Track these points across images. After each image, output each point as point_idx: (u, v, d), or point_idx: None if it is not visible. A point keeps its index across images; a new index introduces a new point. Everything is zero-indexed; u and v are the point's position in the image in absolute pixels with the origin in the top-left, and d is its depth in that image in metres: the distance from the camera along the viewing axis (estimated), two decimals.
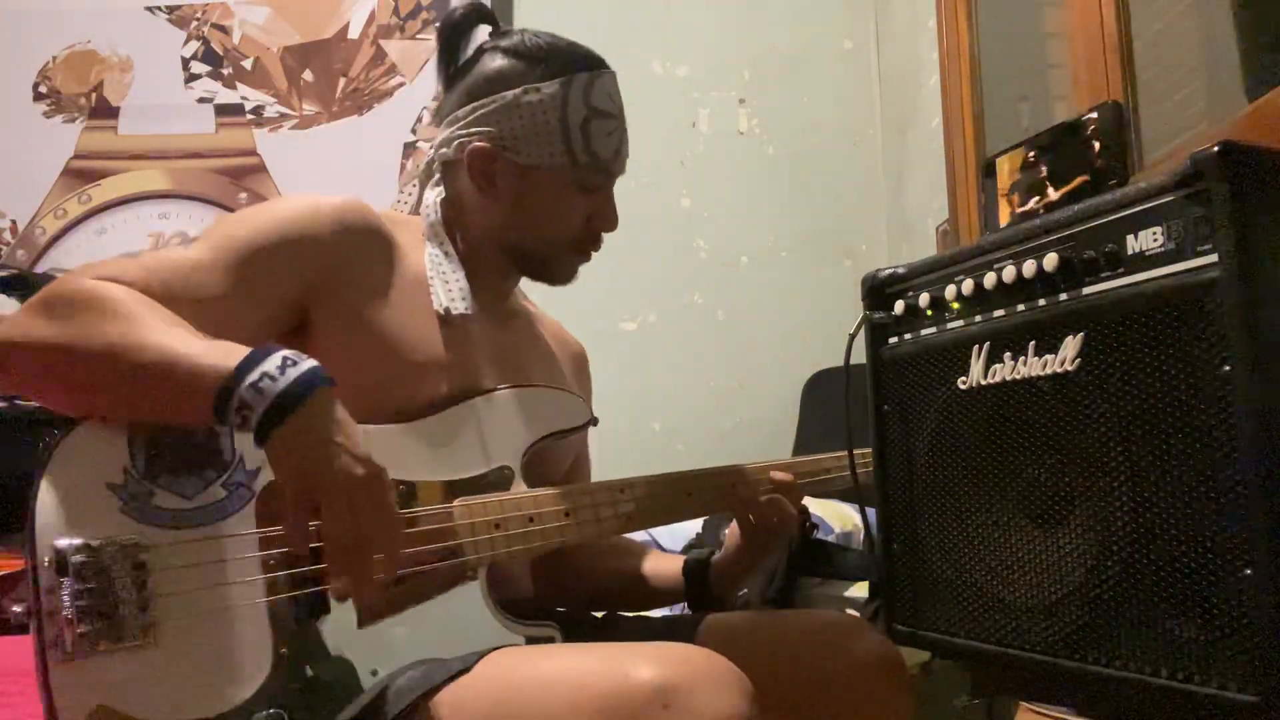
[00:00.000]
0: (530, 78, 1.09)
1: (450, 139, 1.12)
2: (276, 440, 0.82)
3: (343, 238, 1.01)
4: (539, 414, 1.09)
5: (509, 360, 1.13)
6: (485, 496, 1.01)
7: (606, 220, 1.15)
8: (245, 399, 0.81)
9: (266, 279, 0.96)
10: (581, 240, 1.15)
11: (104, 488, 0.84)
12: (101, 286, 0.88)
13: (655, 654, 0.80)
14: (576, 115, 1.08)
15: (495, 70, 1.10)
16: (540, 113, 1.08)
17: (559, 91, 1.08)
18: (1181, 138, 1.49)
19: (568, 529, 1.05)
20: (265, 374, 0.82)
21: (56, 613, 0.79)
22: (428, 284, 1.06)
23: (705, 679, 0.78)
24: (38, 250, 2.68)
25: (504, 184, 1.10)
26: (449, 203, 1.14)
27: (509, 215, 1.11)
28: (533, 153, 1.08)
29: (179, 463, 0.87)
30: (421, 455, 0.99)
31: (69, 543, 0.81)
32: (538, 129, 1.08)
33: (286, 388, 0.82)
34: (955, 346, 0.98)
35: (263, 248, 0.97)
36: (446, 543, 0.98)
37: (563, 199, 1.11)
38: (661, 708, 0.75)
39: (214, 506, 0.87)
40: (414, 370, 1.02)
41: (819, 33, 2.84)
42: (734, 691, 0.78)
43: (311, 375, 0.83)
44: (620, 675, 0.78)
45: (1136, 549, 0.79)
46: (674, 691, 0.76)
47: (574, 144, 1.08)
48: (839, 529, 1.79)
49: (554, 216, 1.12)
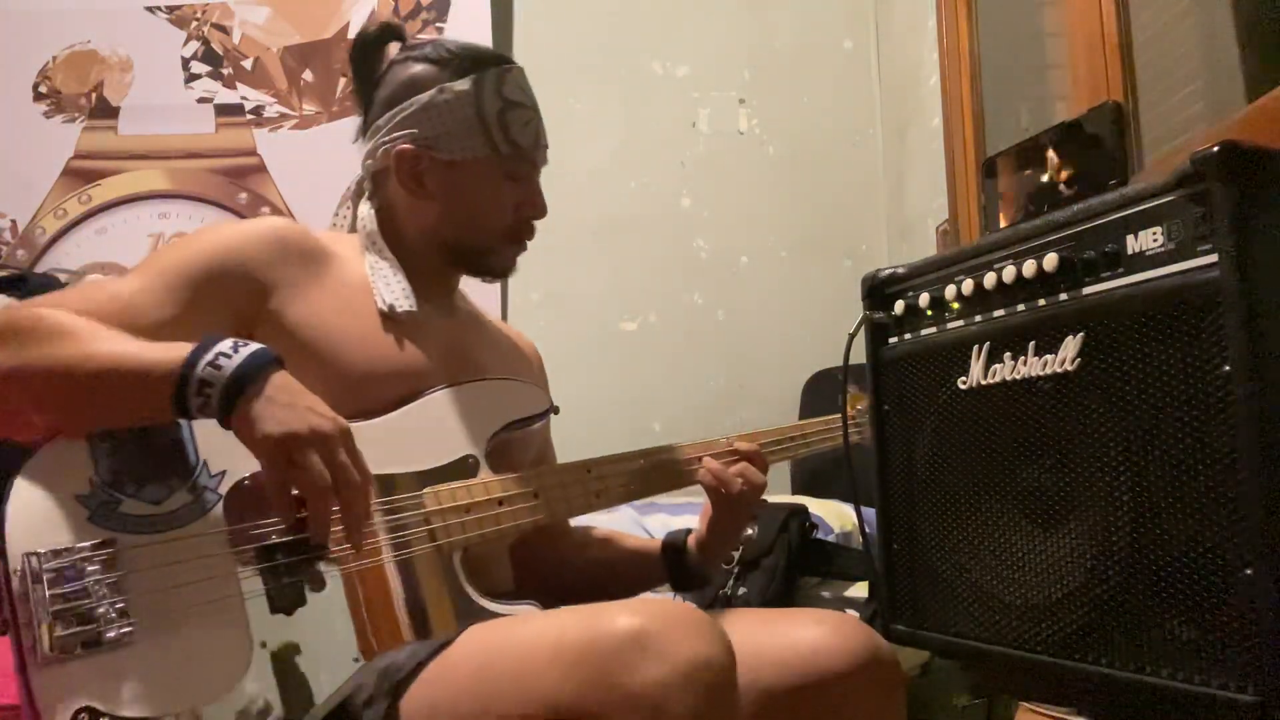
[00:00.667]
0: (443, 78, 1.13)
1: (375, 149, 1.16)
2: (243, 410, 0.86)
3: (278, 257, 1.04)
4: (498, 404, 1.11)
5: (462, 355, 1.16)
6: (453, 484, 1.04)
7: (535, 207, 1.18)
8: (204, 378, 0.85)
9: (204, 304, 1.00)
10: (514, 229, 1.18)
11: (72, 499, 0.86)
12: (42, 312, 0.91)
13: (632, 605, 0.85)
14: (492, 108, 1.12)
15: (409, 77, 1.14)
16: (457, 109, 1.12)
17: (472, 88, 1.12)
18: (1181, 138, 1.49)
19: (538, 508, 1.08)
20: (219, 353, 0.87)
21: (32, 620, 0.81)
22: (370, 290, 1.09)
23: (680, 624, 0.81)
24: (38, 250, 2.67)
25: (432, 183, 1.14)
26: (382, 211, 1.17)
27: (441, 213, 1.15)
28: (455, 148, 1.12)
29: (143, 471, 0.89)
30: (385, 450, 1.01)
31: (40, 551, 0.83)
32: (457, 125, 1.12)
33: (243, 362, 0.86)
34: (955, 346, 0.98)
35: (199, 273, 1.00)
36: (418, 528, 1.00)
37: (490, 190, 1.15)
38: (639, 650, 0.79)
39: (181, 511, 0.89)
40: (366, 373, 1.05)
41: (819, 33, 2.84)
42: (708, 635, 0.82)
43: (264, 352, 0.88)
44: (598, 625, 0.82)
45: (1136, 549, 0.79)
46: (650, 636, 0.80)
47: (494, 135, 1.12)
48: (839, 529, 1.79)
49: (484, 208, 1.15)
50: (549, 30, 2.73)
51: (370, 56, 1.19)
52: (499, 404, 1.11)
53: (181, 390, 0.86)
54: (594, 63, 2.75)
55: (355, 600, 0.95)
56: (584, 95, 2.72)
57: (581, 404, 2.53)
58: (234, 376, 0.85)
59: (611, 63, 2.76)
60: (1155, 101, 1.59)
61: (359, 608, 0.95)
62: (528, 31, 2.73)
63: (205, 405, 0.86)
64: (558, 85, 2.75)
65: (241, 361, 0.86)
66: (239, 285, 1.02)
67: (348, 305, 1.07)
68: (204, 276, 1.00)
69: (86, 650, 0.81)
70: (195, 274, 1.00)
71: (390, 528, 0.99)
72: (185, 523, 0.89)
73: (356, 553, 0.93)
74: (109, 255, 2.67)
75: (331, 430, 0.87)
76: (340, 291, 1.08)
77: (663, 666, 0.78)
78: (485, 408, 1.10)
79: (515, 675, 0.84)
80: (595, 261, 2.67)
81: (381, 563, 0.98)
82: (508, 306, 2.61)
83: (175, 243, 1.07)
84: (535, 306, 2.64)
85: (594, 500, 1.14)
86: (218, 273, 1.01)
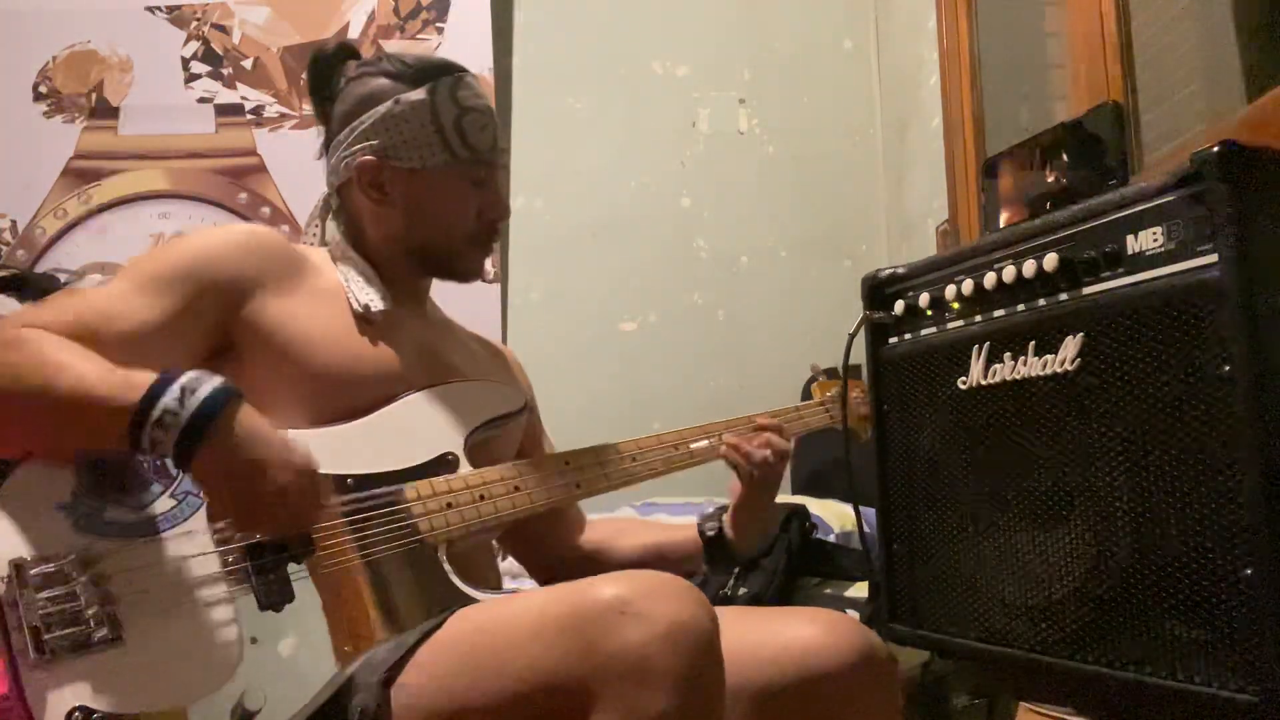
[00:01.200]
0: (399, 89, 1.15)
1: (337, 164, 1.18)
2: (197, 469, 0.88)
3: (254, 262, 1.06)
4: (474, 404, 1.14)
5: (435, 357, 1.17)
6: (434, 480, 1.06)
7: (497, 209, 1.21)
8: (155, 438, 0.87)
9: (183, 309, 1.01)
10: (478, 233, 1.20)
11: (55, 509, 0.87)
12: (23, 333, 0.92)
13: (613, 575, 0.87)
14: (448, 115, 1.14)
15: (366, 91, 1.16)
16: (414, 118, 1.14)
17: (427, 96, 1.14)
18: (1181, 138, 1.49)
19: (519, 499, 1.10)
20: (165, 410, 0.87)
21: (21, 624, 0.82)
22: (344, 295, 1.11)
23: (660, 589, 0.84)
24: (38, 250, 2.67)
25: (394, 191, 1.16)
26: (349, 222, 1.20)
27: (405, 220, 1.17)
28: (415, 156, 1.14)
29: (125, 480, 0.91)
30: (365, 451, 1.03)
31: (26, 557, 0.84)
32: (415, 134, 1.14)
33: (190, 419, 0.87)
34: (955, 346, 0.98)
35: (177, 280, 1.02)
36: (402, 523, 1.02)
37: (452, 195, 1.17)
38: (620, 615, 0.81)
39: (164, 515, 0.91)
40: (342, 375, 1.06)
41: (819, 33, 2.83)
42: (689, 599, 0.84)
43: (212, 399, 0.88)
44: (580, 595, 0.85)
45: (1136, 549, 0.79)
46: (631, 601, 0.82)
47: (451, 142, 1.14)
48: (839, 529, 1.79)
49: (447, 213, 1.18)
50: (549, 30, 2.73)
51: (327, 75, 1.21)
52: (475, 404, 1.13)
53: (134, 443, 0.87)
54: (594, 63, 2.75)
55: (342, 595, 0.96)
56: (584, 95, 2.72)
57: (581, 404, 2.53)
58: (183, 436, 0.87)
59: (611, 63, 2.76)
60: (1155, 101, 1.59)
61: (346, 602, 0.96)
62: (528, 32, 2.73)
63: (162, 459, 0.89)
64: (558, 85, 2.75)
65: (189, 419, 0.87)
66: (216, 291, 1.03)
67: (323, 309, 1.09)
68: (180, 283, 1.02)
69: (76, 652, 0.82)
70: (173, 281, 1.02)
71: (375, 523, 1.00)
72: (169, 527, 0.90)
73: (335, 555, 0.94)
74: (109, 255, 2.67)
75: (286, 481, 0.89)
76: (316, 296, 1.09)
77: (644, 628, 0.80)
78: (461, 407, 1.12)
79: (501, 650, 0.86)
80: (595, 261, 2.67)
81: (368, 558, 0.98)
82: (508, 306, 2.61)
83: (154, 250, 1.10)
84: (535, 306, 2.63)
85: (574, 491, 1.16)
86: (195, 279, 1.03)
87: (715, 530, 1.25)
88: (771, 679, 1.00)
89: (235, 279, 1.04)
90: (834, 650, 1.01)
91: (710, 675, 0.83)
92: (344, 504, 0.99)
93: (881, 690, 1.03)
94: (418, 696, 0.88)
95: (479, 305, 1.32)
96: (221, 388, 0.90)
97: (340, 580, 0.96)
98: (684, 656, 0.80)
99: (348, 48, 1.23)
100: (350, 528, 0.98)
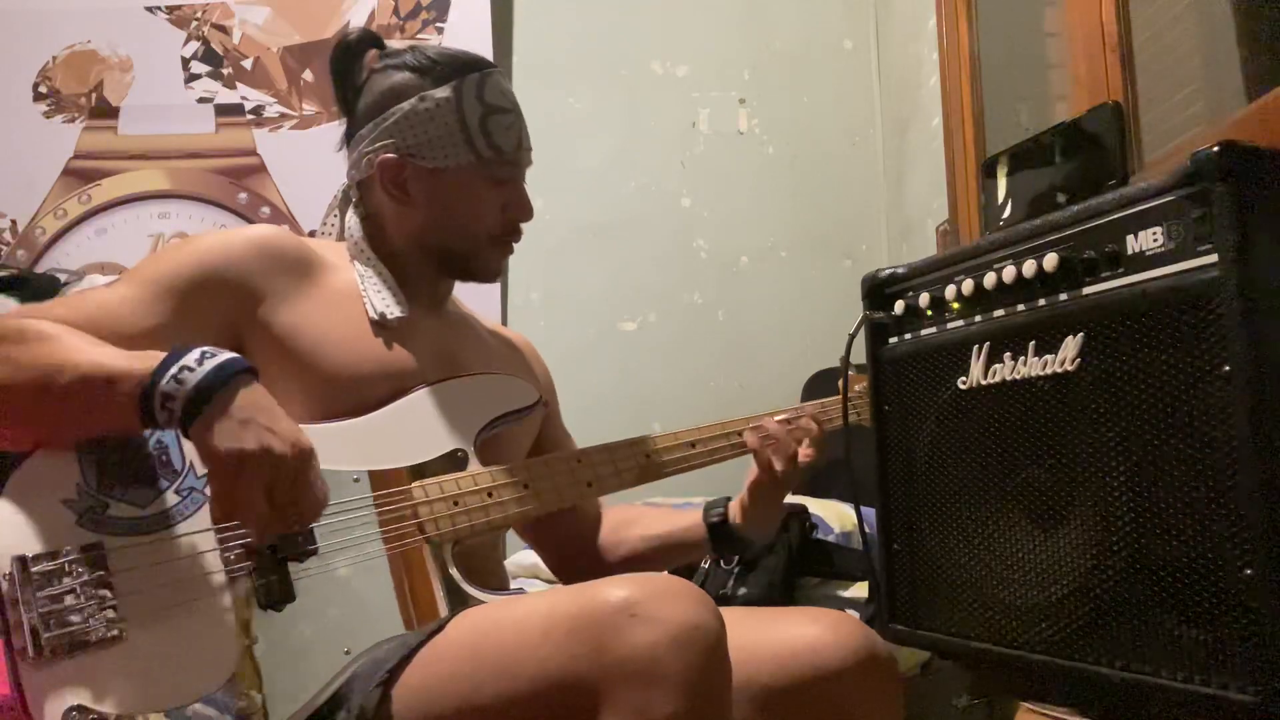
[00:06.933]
0: (424, 86, 1.13)
1: (359, 159, 1.16)
2: (199, 426, 0.86)
3: (266, 265, 1.05)
4: (486, 398, 1.12)
5: (450, 356, 1.16)
6: (442, 477, 1.05)
7: (521, 209, 1.19)
8: (167, 391, 0.86)
9: (191, 313, 1.01)
10: (500, 233, 1.19)
11: (59, 504, 0.87)
12: (21, 321, 0.92)
13: (621, 578, 0.86)
14: (474, 114, 1.12)
15: (389, 86, 1.14)
16: (439, 117, 1.12)
17: (452, 94, 1.12)
18: (1181, 138, 1.49)
19: (526, 499, 1.09)
20: (184, 366, 0.87)
21: (22, 621, 0.81)
22: (360, 296, 1.10)
23: (669, 592, 0.83)
24: (38, 250, 2.67)
25: (416, 190, 1.14)
26: (369, 220, 1.18)
27: (427, 220, 1.15)
28: (438, 155, 1.12)
29: (129, 475, 0.90)
30: (373, 446, 1.03)
31: (28, 554, 0.83)
32: (439, 132, 1.12)
33: (204, 376, 0.86)
34: (955, 346, 0.98)
35: (185, 282, 1.01)
36: (407, 521, 1.01)
37: (475, 195, 1.15)
38: (628, 618, 0.81)
39: (169, 512, 0.90)
40: (354, 376, 1.05)
41: (819, 33, 2.83)
42: (697, 602, 0.84)
43: (230, 364, 0.88)
44: (588, 598, 0.84)
45: (1136, 549, 0.79)
46: (639, 604, 0.82)
47: (476, 141, 1.13)
48: (839, 529, 1.79)
49: (469, 213, 1.16)
50: (549, 30, 2.73)
51: (350, 64, 1.19)
52: (486, 399, 1.12)
53: (147, 403, 0.87)
54: (594, 63, 2.74)
55: (344, 595, 0.96)
56: (584, 95, 2.72)
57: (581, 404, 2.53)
58: (194, 392, 0.86)
59: (611, 63, 2.76)
60: (1155, 101, 1.59)
61: (349, 602, 0.96)
62: (528, 31, 2.73)
63: (169, 418, 0.87)
64: (558, 85, 2.75)
65: (205, 374, 0.87)
66: (226, 294, 1.03)
67: (337, 311, 1.08)
68: (190, 285, 1.01)
69: (76, 650, 0.82)
70: (182, 283, 1.01)
71: (380, 521, 1.00)
72: (172, 524, 0.90)
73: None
74: (109, 255, 2.67)
75: (283, 451, 0.87)
76: (329, 298, 1.08)
77: (653, 631, 0.80)
78: (472, 403, 1.10)
79: (508, 653, 0.86)
80: (595, 261, 2.67)
81: (372, 556, 0.98)
82: (508, 306, 2.61)
83: (164, 251, 1.08)
84: (535, 306, 2.63)
85: (585, 489, 1.15)
86: (204, 282, 1.02)
87: (720, 517, 1.24)
88: (774, 678, 1.00)
89: (244, 284, 1.04)
90: (836, 650, 1.01)
91: (718, 677, 0.83)
92: (349, 501, 0.99)
93: (884, 690, 1.03)
94: (420, 697, 0.88)
95: (479, 305, 1.32)
96: (239, 358, 0.90)
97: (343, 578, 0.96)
98: (692, 659, 0.80)
99: (372, 36, 1.21)
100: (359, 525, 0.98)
